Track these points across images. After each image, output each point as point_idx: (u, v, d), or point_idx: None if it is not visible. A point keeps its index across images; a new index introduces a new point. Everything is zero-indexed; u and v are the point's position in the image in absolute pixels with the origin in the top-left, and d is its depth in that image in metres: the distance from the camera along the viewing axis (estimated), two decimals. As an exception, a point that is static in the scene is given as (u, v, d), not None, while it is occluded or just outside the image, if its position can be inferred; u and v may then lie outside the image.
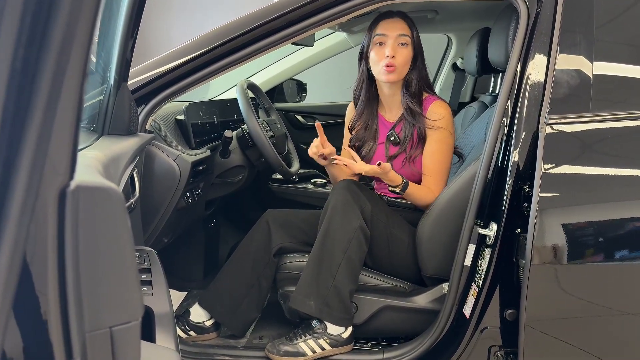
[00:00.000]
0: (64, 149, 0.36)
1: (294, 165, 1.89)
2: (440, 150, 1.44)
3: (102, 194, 0.41)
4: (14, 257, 0.34)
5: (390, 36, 1.42)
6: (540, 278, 1.12)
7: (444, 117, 1.44)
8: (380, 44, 1.43)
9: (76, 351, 0.40)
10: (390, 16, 1.45)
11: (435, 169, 1.44)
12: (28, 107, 0.33)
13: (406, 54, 1.43)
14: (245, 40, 1.26)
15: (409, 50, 1.43)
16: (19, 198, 0.34)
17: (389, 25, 1.43)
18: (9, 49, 0.31)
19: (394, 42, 1.41)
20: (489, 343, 1.24)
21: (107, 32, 1.07)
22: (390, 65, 1.40)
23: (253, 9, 1.28)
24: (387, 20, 1.44)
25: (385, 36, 1.42)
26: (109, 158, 0.82)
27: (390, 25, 1.43)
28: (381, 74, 1.43)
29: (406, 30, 1.43)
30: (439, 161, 1.45)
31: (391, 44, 1.41)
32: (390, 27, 1.43)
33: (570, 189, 1.13)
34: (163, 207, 1.34)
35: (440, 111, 1.44)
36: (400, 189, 1.41)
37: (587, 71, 1.15)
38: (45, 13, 0.31)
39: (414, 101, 1.45)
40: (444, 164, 1.46)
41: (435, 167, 1.44)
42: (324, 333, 1.36)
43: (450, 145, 1.46)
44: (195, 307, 1.51)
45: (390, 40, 1.41)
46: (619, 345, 1.21)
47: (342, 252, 1.34)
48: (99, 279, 0.41)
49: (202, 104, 1.68)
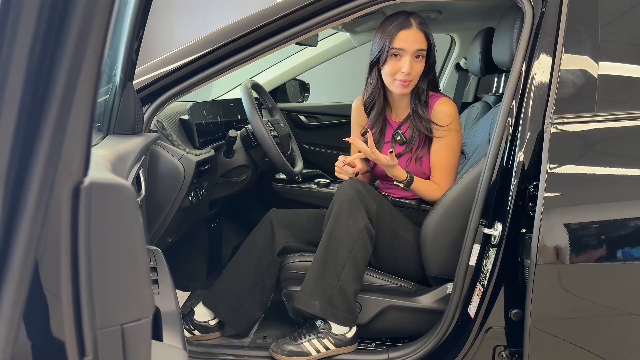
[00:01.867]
0: (78, 146, 0.36)
1: (298, 165, 1.89)
2: (448, 146, 1.45)
3: (115, 191, 0.41)
4: (28, 252, 0.34)
5: (408, 51, 1.37)
6: (546, 278, 1.12)
7: (450, 115, 1.44)
8: (396, 55, 1.38)
9: (88, 348, 0.40)
10: (409, 26, 1.38)
11: (443, 164, 1.45)
12: (44, 104, 0.33)
13: (421, 67, 1.41)
14: (249, 41, 1.27)
15: (423, 62, 1.42)
16: (34, 194, 0.34)
17: (409, 37, 1.37)
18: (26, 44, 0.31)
19: (411, 57, 1.38)
20: (494, 343, 1.24)
21: (113, 32, 1.08)
22: (407, 81, 1.39)
23: (256, 9, 1.28)
24: (405, 31, 1.37)
25: (403, 50, 1.37)
26: (116, 157, 0.82)
27: (410, 38, 1.37)
28: (395, 87, 1.42)
29: (424, 44, 1.39)
30: (447, 158, 1.45)
31: (409, 60, 1.37)
32: (410, 40, 1.37)
33: (576, 188, 1.13)
34: (167, 207, 1.34)
35: (445, 109, 1.45)
36: (405, 184, 1.42)
37: (592, 71, 1.15)
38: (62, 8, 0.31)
39: (421, 106, 1.46)
40: (452, 160, 1.46)
41: (443, 163, 1.45)
42: (328, 333, 1.36)
43: (457, 141, 1.47)
44: (200, 307, 1.51)
45: (408, 56, 1.37)
46: (624, 346, 1.20)
47: (347, 252, 1.34)
48: (111, 276, 0.42)
49: (206, 104, 1.68)
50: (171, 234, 1.46)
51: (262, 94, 1.95)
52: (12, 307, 0.35)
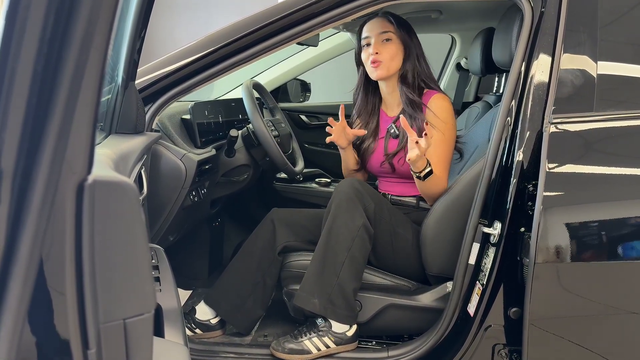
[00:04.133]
0: (82, 145, 0.37)
1: (299, 164, 1.90)
2: (443, 140, 1.45)
3: (118, 189, 0.42)
4: (33, 248, 0.35)
5: (372, 36, 1.49)
6: (545, 276, 1.12)
7: (445, 109, 1.45)
8: (367, 45, 1.50)
9: (92, 342, 0.41)
10: (372, 17, 1.52)
11: (441, 158, 1.45)
12: (49, 104, 0.34)
13: (391, 49, 1.48)
14: (251, 41, 1.27)
15: (394, 44, 1.48)
16: (40, 191, 0.35)
17: (371, 25, 1.50)
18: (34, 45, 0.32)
19: (377, 39, 1.48)
20: (493, 341, 1.25)
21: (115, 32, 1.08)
22: (375, 62, 1.47)
23: (258, 9, 1.29)
24: (369, 22, 1.51)
25: (369, 37, 1.49)
26: (118, 156, 0.83)
27: (372, 26, 1.50)
28: (370, 71, 1.50)
29: (387, 26, 1.49)
30: (443, 150, 1.45)
31: (374, 43, 1.48)
32: (372, 27, 1.50)
33: (575, 188, 1.14)
34: (169, 206, 1.35)
35: (440, 102, 1.47)
36: (425, 174, 1.35)
37: (592, 71, 1.15)
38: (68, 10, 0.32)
39: (413, 93, 1.48)
40: (448, 154, 1.47)
41: (440, 157, 1.45)
42: (328, 331, 1.37)
43: (452, 136, 1.48)
44: (201, 305, 1.52)
45: (374, 39, 1.48)
46: (623, 345, 1.21)
47: (345, 250, 1.35)
48: (114, 271, 0.42)
49: (207, 104, 1.69)
50: (173, 232, 1.47)
51: (263, 93, 1.96)
52: (19, 300, 0.36)
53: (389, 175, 1.56)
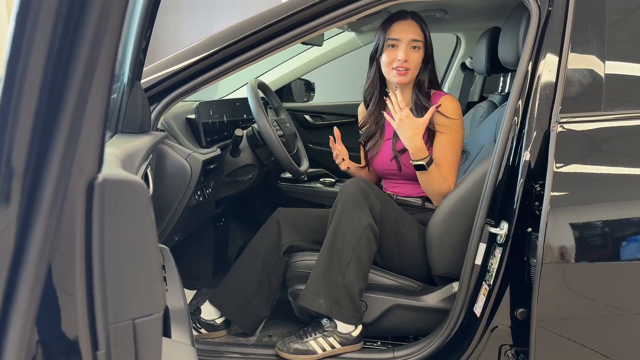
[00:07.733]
0: (92, 144, 0.37)
1: (304, 164, 1.90)
2: (450, 141, 1.45)
3: (128, 187, 0.42)
4: (44, 247, 0.35)
5: (403, 40, 1.44)
6: (552, 277, 1.11)
7: (454, 110, 1.45)
8: (393, 46, 1.45)
9: (101, 342, 0.41)
10: (404, 18, 1.46)
11: (448, 159, 1.45)
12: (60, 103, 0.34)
13: (418, 57, 1.46)
14: (255, 40, 1.27)
15: (420, 52, 1.46)
16: (50, 190, 0.35)
17: (403, 28, 1.45)
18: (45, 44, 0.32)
19: (407, 46, 1.44)
20: (500, 342, 1.24)
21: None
22: (402, 67, 1.43)
23: (262, 9, 1.29)
24: (400, 22, 1.46)
25: (399, 40, 1.44)
26: (125, 155, 0.83)
27: (404, 29, 1.45)
28: (393, 76, 1.46)
29: (419, 34, 1.45)
30: (451, 151, 1.46)
31: (404, 48, 1.44)
32: (404, 30, 1.44)
33: (582, 188, 1.13)
34: (174, 205, 1.35)
35: (448, 104, 1.46)
36: (427, 161, 1.40)
37: (599, 70, 1.14)
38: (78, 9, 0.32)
39: (425, 99, 1.49)
40: (456, 155, 1.47)
41: (447, 158, 1.45)
42: (333, 331, 1.37)
43: (460, 137, 1.48)
44: (206, 305, 1.52)
45: (403, 45, 1.44)
46: (630, 346, 1.20)
47: (351, 250, 1.35)
48: (123, 271, 0.42)
49: (212, 103, 1.69)
50: (178, 232, 1.47)
51: (268, 93, 1.96)
52: (28, 301, 0.36)
53: (395, 176, 1.56)
